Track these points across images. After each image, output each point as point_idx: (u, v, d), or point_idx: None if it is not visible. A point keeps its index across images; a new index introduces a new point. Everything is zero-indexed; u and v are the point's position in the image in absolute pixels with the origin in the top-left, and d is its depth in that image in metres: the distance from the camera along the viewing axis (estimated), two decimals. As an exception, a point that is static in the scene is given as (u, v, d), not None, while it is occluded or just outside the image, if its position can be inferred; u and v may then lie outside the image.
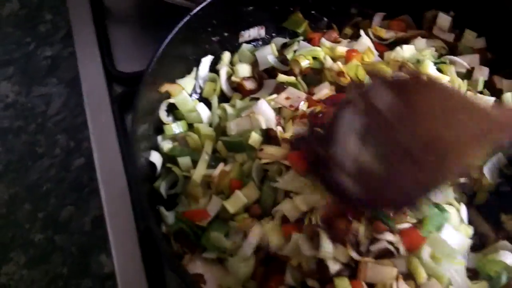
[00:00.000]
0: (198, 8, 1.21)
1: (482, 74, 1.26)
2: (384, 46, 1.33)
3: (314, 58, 1.25)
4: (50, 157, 1.44)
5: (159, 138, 1.20)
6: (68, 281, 1.24)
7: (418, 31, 1.35)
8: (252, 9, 1.32)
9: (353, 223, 0.98)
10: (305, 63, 1.24)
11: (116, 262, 1.22)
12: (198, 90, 1.31)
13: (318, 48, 1.27)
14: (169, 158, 1.17)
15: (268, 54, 1.28)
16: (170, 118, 1.24)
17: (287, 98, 1.14)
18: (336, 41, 1.32)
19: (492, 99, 1.17)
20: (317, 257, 0.96)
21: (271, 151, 1.07)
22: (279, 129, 1.09)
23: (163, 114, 1.21)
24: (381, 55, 1.29)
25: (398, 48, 1.26)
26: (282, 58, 1.29)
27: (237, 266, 1.01)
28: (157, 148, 1.18)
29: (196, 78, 1.30)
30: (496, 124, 0.78)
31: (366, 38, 1.29)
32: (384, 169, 0.80)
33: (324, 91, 1.16)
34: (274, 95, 1.16)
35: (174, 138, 1.21)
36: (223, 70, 1.29)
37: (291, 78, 1.22)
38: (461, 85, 1.23)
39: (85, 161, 1.41)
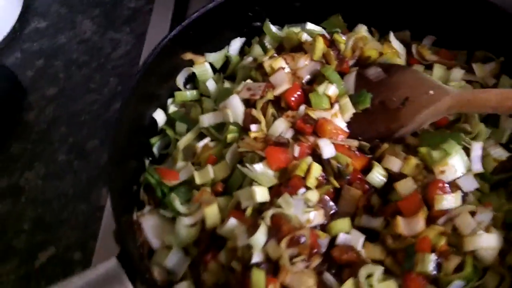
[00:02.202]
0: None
1: (509, 125, 1.19)
2: (421, 65, 1.33)
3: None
4: (97, 94, 1.60)
5: (169, 100, 1.29)
6: (70, 201, 1.40)
7: (458, 63, 1.30)
8: None
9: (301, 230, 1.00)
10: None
11: (110, 199, 1.35)
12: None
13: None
14: (171, 120, 1.27)
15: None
16: (188, 86, 1.33)
17: (248, 89, 1.18)
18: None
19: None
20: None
21: (250, 142, 1.11)
22: (253, 127, 1.13)
23: (180, 79, 1.30)
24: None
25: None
26: None
27: (181, 229, 1.07)
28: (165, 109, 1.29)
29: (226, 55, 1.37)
30: (445, 99, 1.13)
31: (363, 26, 1.35)
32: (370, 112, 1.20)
33: (284, 86, 1.17)
34: (240, 87, 1.20)
35: (183, 104, 1.30)
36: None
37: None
38: (482, 132, 1.17)
39: (122, 106, 1.56)
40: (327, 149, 1.09)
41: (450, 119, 1.20)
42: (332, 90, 1.18)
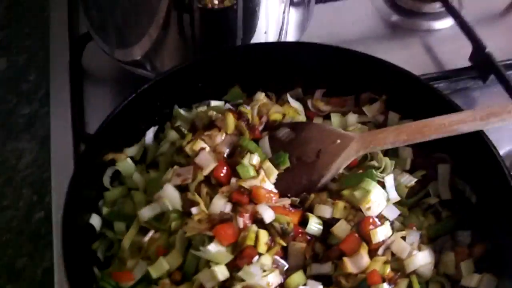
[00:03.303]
0: (145, 86, 1.34)
1: (408, 154, 1.37)
2: (320, 116, 1.48)
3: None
4: (13, 210, 1.56)
5: (101, 202, 1.31)
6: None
7: (352, 108, 1.47)
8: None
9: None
10: None
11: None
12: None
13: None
14: (107, 221, 1.28)
15: None
16: (115, 183, 1.35)
17: (178, 175, 1.25)
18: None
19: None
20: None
21: (195, 225, 1.17)
22: (194, 210, 1.19)
23: (106, 180, 1.32)
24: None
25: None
26: None
27: (149, 328, 1.10)
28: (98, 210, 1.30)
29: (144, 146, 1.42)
30: (351, 144, 1.29)
31: (261, 94, 1.46)
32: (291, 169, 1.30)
33: (211, 165, 1.25)
34: (169, 175, 1.26)
35: (114, 202, 1.32)
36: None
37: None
38: (388, 164, 1.33)
39: (45, 215, 1.52)
40: (267, 214, 1.18)
41: (358, 159, 1.36)
42: (255, 159, 1.28)
